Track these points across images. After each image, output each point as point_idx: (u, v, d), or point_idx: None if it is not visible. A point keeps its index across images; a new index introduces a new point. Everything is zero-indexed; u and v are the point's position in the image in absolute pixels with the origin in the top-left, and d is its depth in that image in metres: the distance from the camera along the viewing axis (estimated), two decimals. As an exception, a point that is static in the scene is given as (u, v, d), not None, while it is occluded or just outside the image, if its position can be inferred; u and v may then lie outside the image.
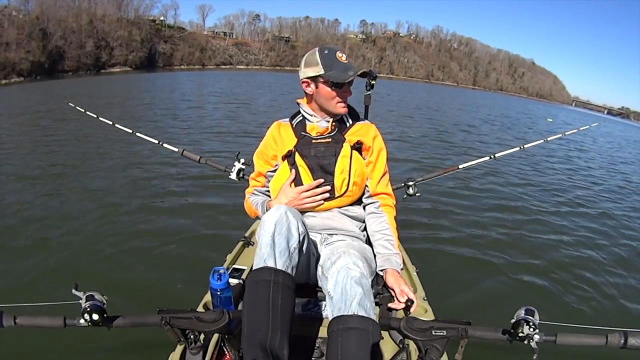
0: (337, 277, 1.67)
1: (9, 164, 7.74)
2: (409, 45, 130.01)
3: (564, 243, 5.63)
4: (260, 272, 1.61)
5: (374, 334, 1.54)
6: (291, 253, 1.69)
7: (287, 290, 1.59)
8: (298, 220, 1.78)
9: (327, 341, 1.57)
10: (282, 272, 1.61)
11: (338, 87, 2.05)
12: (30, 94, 24.51)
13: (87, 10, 62.60)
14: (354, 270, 1.67)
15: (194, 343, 1.60)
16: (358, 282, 1.63)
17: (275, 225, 1.69)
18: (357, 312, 1.55)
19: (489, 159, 3.80)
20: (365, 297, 1.61)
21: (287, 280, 1.61)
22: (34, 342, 2.93)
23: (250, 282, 1.61)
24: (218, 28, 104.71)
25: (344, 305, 1.59)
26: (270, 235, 1.67)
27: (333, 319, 1.59)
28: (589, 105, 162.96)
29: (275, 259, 1.63)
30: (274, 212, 1.75)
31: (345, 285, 1.62)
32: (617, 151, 20.04)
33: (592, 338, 1.42)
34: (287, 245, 1.68)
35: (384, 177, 2.23)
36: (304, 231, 1.80)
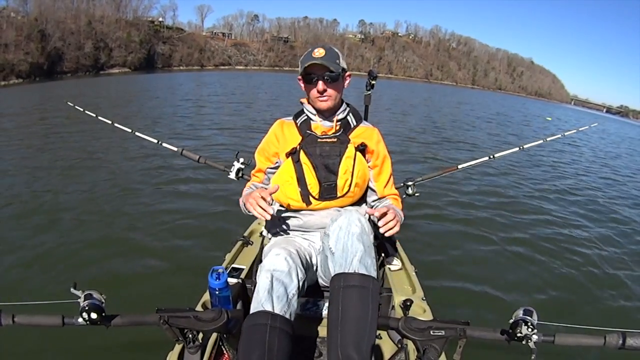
0: (339, 234, 1.70)
1: (7, 163, 7.74)
2: (407, 45, 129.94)
3: (563, 244, 5.64)
4: (256, 316, 1.58)
5: (374, 291, 1.58)
6: (289, 299, 1.67)
7: (284, 335, 1.56)
8: (297, 265, 1.77)
9: (329, 297, 1.60)
10: (280, 317, 1.59)
11: (307, 82, 2.08)
12: (29, 95, 24.53)
13: (85, 12, 62.49)
14: (355, 226, 1.70)
15: (193, 342, 1.60)
16: (359, 239, 1.66)
17: (273, 270, 1.69)
18: (357, 270, 1.59)
19: (488, 159, 3.80)
20: (365, 254, 1.64)
21: (285, 325, 1.58)
22: (32, 341, 2.94)
23: (246, 326, 1.57)
24: (217, 29, 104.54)
25: (345, 262, 1.62)
26: (268, 280, 1.66)
27: (334, 276, 1.62)
28: (588, 104, 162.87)
29: (273, 304, 1.61)
30: (274, 257, 1.75)
31: (347, 242, 1.66)
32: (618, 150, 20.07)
33: (590, 338, 1.42)
34: (285, 291, 1.67)
35: (390, 181, 2.26)
36: (303, 276, 1.80)
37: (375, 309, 1.56)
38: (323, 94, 2.05)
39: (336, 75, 2.03)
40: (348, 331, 1.50)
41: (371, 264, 1.64)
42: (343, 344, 1.47)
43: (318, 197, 2.06)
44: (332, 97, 2.08)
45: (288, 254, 1.77)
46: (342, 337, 1.49)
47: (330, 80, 2.03)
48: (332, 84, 2.05)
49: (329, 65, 1.98)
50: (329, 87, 2.05)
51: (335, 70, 2.01)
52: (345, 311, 1.52)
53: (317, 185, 2.05)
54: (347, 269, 1.61)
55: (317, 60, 1.98)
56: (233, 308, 1.73)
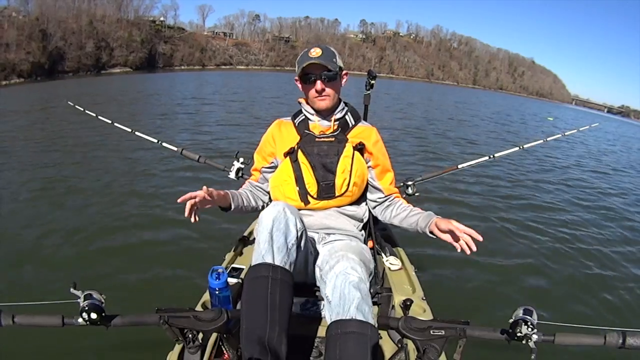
0: (336, 282, 1.67)
1: (7, 163, 7.74)
2: (409, 44, 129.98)
3: (563, 243, 5.65)
4: (258, 268, 1.61)
5: (372, 338, 1.54)
6: (289, 249, 1.69)
7: (285, 286, 1.59)
8: (296, 216, 1.78)
9: (326, 345, 1.57)
10: (281, 268, 1.62)
11: (305, 82, 2.08)
12: (30, 95, 24.53)
13: (87, 11, 62.52)
14: (352, 275, 1.67)
15: (193, 342, 1.60)
16: (356, 287, 1.63)
17: (273, 221, 1.70)
18: (355, 317, 1.55)
19: (488, 158, 3.79)
20: (363, 301, 1.61)
21: (285, 276, 1.61)
22: (32, 341, 2.94)
23: (249, 279, 1.61)
24: (218, 28, 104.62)
25: (342, 310, 1.59)
26: (268, 232, 1.67)
27: (331, 323, 1.59)
28: (589, 104, 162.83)
29: (274, 255, 1.63)
30: (272, 208, 1.75)
31: (344, 290, 1.62)
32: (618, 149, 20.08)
33: (590, 338, 1.41)
34: (285, 241, 1.68)
35: (393, 180, 2.27)
36: (301, 227, 1.81)
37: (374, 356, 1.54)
38: (321, 93, 2.06)
39: (334, 74, 2.04)
40: None
41: (368, 311, 1.61)
42: None
43: (316, 197, 2.07)
44: (330, 96, 2.09)
45: (286, 205, 1.79)
46: None
47: (328, 80, 2.04)
48: (329, 83, 2.06)
49: (327, 64, 1.99)
50: (327, 87, 2.06)
51: (332, 69, 2.01)
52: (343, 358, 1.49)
53: (315, 184, 2.05)
54: (345, 316, 1.58)
55: (314, 60, 1.98)
56: (233, 308, 1.73)
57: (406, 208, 2.15)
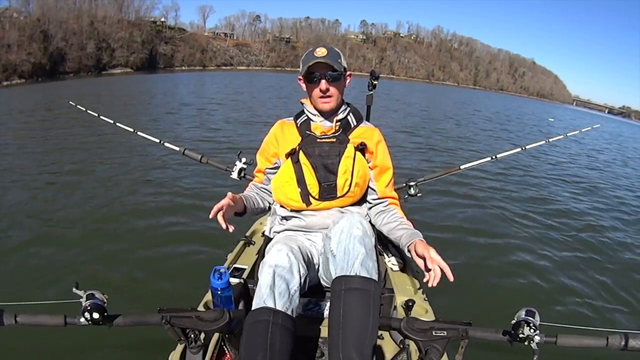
0: (340, 236, 1.69)
1: (9, 163, 7.75)
2: (409, 45, 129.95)
3: (565, 244, 5.64)
4: (258, 312, 1.58)
5: (375, 293, 1.57)
6: (291, 295, 1.66)
7: (286, 332, 1.55)
8: (299, 262, 1.76)
9: (330, 300, 1.59)
10: (282, 313, 1.58)
11: (310, 82, 2.07)
12: (31, 96, 24.56)
13: (88, 12, 62.60)
14: (357, 229, 1.69)
15: (195, 342, 1.60)
16: (361, 242, 1.65)
17: (275, 266, 1.68)
18: (359, 273, 1.58)
19: (490, 159, 3.79)
20: (367, 256, 1.63)
21: (286, 322, 1.58)
22: (34, 341, 2.94)
23: (249, 323, 1.57)
24: (219, 29, 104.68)
25: (346, 265, 1.61)
26: (270, 277, 1.65)
27: (335, 279, 1.61)
28: (590, 105, 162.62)
29: (275, 300, 1.60)
30: (276, 253, 1.73)
31: (348, 244, 1.64)
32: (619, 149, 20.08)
33: (592, 340, 1.42)
34: (287, 288, 1.66)
35: (391, 181, 2.25)
36: (305, 273, 1.79)
37: (376, 312, 1.56)
38: (326, 93, 2.05)
39: (338, 74, 2.03)
40: (350, 334, 1.49)
41: (372, 267, 1.63)
42: (344, 346, 1.47)
43: (318, 197, 2.05)
44: (334, 96, 2.08)
45: (290, 250, 1.76)
46: (344, 339, 1.48)
47: (332, 80, 2.03)
48: (334, 83, 2.04)
49: (332, 64, 1.98)
50: (331, 86, 2.04)
51: (338, 69, 2.00)
52: (346, 314, 1.51)
53: (317, 185, 2.04)
54: (349, 272, 1.60)
55: (320, 59, 1.97)
56: (235, 308, 1.72)
57: (397, 219, 2.12)
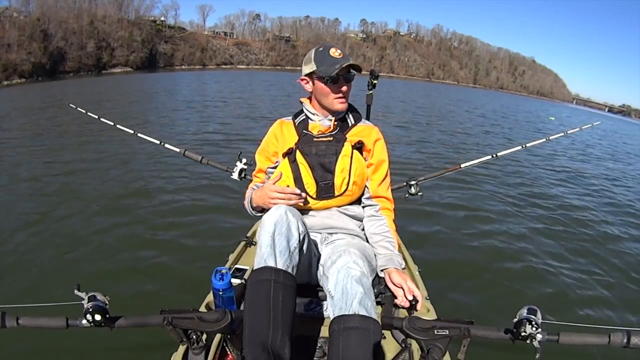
0: (338, 277, 1.66)
1: (10, 164, 7.76)
2: (409, 44, 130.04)
3: (567, 242, 5.63)
4: (260, 272, 1.59)
5: (375, 333, 1.54)
6: (291, 252, 1.67)
7: (288, 289, 1.58)
8: (298, 219, 1.77)
9: (329, 341, 1.56)
10: (283, 271, 1.60)
11: (332, 83, 2.04)
12: (31, 95, 24.54)
13: (87, 11, 62.69)
14: (355, 270, 1.66)
15: (197, 343, 1.60)
16: (359, 281, 1.62)
17: (275, 225, 1.68)
18: (358, 312, 1.55)
19: (491, 157, 3.78)
20: (366, 296, 1.60)
21: (288, 279, 1.60)
22: (36, 343, 2.94)
23: (251, 282, 1.59)
24: (218, 28, 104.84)
25: (344, 305, 1.58)
26: (270, 235, 1.65)
27: (334, 319, 1.58)
28: (590, 103, 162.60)
29: (276, 258, 1.61)
30: (274, 211, 1.74)
31: (346, 284, 1.62)
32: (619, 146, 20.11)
33: (594, 337, 1.41)
34: (287, 244, 1.67)
35: (385, 181, 2.23)
36: (304, 230, 1.79)
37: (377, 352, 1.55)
38: (344, 95, 2.08)
39: (353, 75, 2.07)
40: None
41: (371, 306, 1.60)
42: None
43: (315, 197, 2.05)
44: (348, 97, 2.12)
45: (287, 208, 1.77)
46: None
47: (350, 81, 2.07)
48: (349, 83, 2.08)
49: (356, 65, 2.02)
50: (348, 88, 2.09)
51: (357, 71, 2.06)
52: (345, 354, 1.48)
53: (314, 184, 2.04)
54: (347, 311, 1.58)
55: (350, 62, 1.99)
56: (237, 309, 1.73)
57: (383, 232, 2.12)
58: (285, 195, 1.88)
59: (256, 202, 2.09)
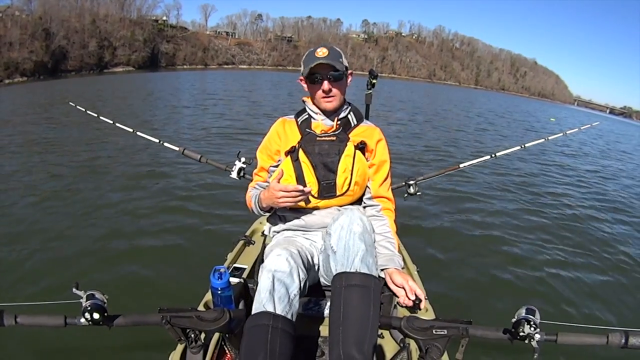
0: (341, 233, 1.70)
1: (10, 164, 7.76)
2: (411, 45, 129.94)
3: (565, 243, 5.62)
4: (258, 317, 1.57)
5: (376, 290, 1.58)
6: (291, 300, 1.66)
7: (286, 336, 1.55)
8: (299, 265, 1.76)
9: (331, 297, 1.60)
10: (282, 317, 1.58)
11: (312, 82, 2.07)
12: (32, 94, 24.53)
13: (89, 10, 62.70)
14: (357, 226, 1.69)
15: (195, 342, 1.60)
16: (361, 238, 1.65)
17: (275, 271, 1.67)
18: (359, 269, 1.59)
19: (489, 157, 3.78)
20: (367, 253, 1.64)
21: (287, 326, 1.57)
22: (35, 341, 2.94)
23: (248, 327, 1.56)
24: (220, 28, 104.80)
25: (346, 262, 1.62)
26: (270, 281, 1.64)
27: (336, 275, 1.62)
28: (591, 105, 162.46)
29: (275, 304, 1.60)
30: (275, 258, 1.72)
31: (348, 241, 1.65)
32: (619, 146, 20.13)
33: (593, 337, 1.42)
34: (286, 292, 1.65)
35: (386, 181, 2.22)
36: (304, 277, 1.78)
37: (377, 309, 1.56)
38: (328, 93, 2.05)
39: (340, 74, 2.03)
40: (350, 330, 1.49)
41: (373, 263, 1.64)
42: (345, 343, 1.47)
43: (317, 196, 2.05)
44: (336, 96, 2.08)
45: (289, 254, 1.75)
46: (344, 336, 1.49)
47: (334, 80, 2.03)
48: (336, 83, 2.05)
49: (334, 64, 1.98)
50: (334, 87, 2.05)
51: (340, 69, 2.00)
52: (347, 310, 1.52)
53: (316, 184, 2.03)
54: (349, 268, 1.60)
55: (322, 60, 1.97)
56: (235, 308, 1.73)
57: (384, 232, 2.11)
58: (289, 193, 1.86)
59: (265, 203, 2.06)
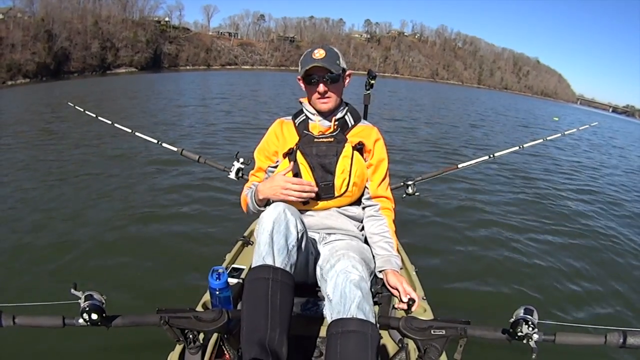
0: (337, 280, 1.66)
1: (7, 163, 7.80)
2: (413, 44, 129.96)
3: (563, 243, 5.63)
4: (258, 270, 1.60)
5: (373, 337, 1.53)
6: (290, 251, 1.68)
7: (286, 288, 1.58)
8: (296, 218, 1.77)
9: (326, 344, 1.56)
10: (281, 270, 1.60)
11: (308, 83, 2.08)
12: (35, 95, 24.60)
13: (92, 12, 62.92)
14: (353, 274, 1.66)
15: (193, 342, 1.60)
16: (357, 286, 1.62)
17: (273, 223, 1.68)
18: (355, 315, 1.54)
19: (488, 158, 3.78)
20: (364, 300, 1.60)
21: (285, 278, 1.60)
22: (33, 342, 2.94)
23: (249, 280, 1.59)
24: (223, 28, 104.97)
25: (342, 309, 1.58)
26: (268, 234, 1.66)
27: (332, 322, 1.58)
28: (594, 104, 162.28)
29: (274, 256, 1.62)
30: (272, 210, 1.73)
31: (345, 288, 1.62)
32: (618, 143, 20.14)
33: (591, 337, 1.41)
34: (285, 243, 1.67)
35: (385, 181, 2.22)
36: (302, 229, 1.79)
37: (374, 356, 1.52)
38: (324, 95, 2.05)
39: (336, 76, 2.03)
40: None
41: (369, 310, 1.60)
42: None
43: (315, 197, 2.04)
44: (332, 98, 2.08)
45: (286, 206, 1.77)
46: None
47: (331, 82, 2.03)
48: (332, 85, 2.05)
49: (330, 67, 1.98)
50: (330, 89, 2.05)
51: (335, 72, 2.00)
52: (343, 358, 1.47)
53: (315, 185, 2.02)
54: (345, 315, 1.57)
55: (317, 63, 1.98)
56: (233, 308, 1.73)
57: (382, 232, 2.12)
58: (302, 186, 1.88)
59: (264, 194, 2.04)
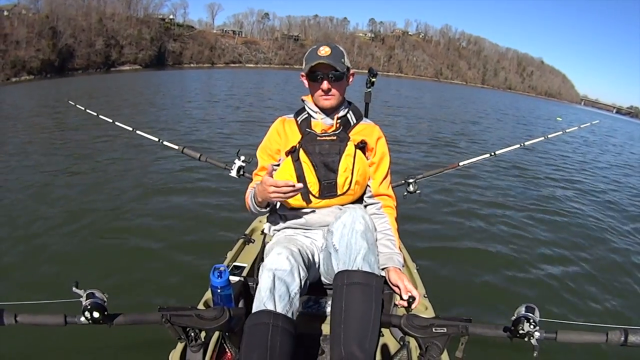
0: (343, 231, 1.70)
1: (9, 162, 7.82)
2: (417, 43, 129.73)
3: (565, 241, 5.64)
4: (258, 315, 1.56)
5: (378, 288, 1.57)
6: (292, 298, 1.65)
7: (286, 334, 1.54)
8: (299, 264, 1.75)
9: (332, 295, 1.60)
10: (283, 315, 1.57)
11: (312, 80, 2.06)
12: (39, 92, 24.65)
13: (96, 9, 62.99)
14: (359, 224, 1.69)
15: (195, 341, 1.60)
16: (363, 236, 1.65)
17: (275, 270, 1.66)
18: (361, 267, 1.58)
19: (489, 156, 3.77)
20: (369, 251, 1.64)
21: (287, 324, 1.56)
22: (35, 340, 2.96)
23: (249, 326, 1.55)
24: (227, 27, 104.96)
25: (348, 260, 1.62)
26: (270, 280, 1.63)
27: (338, 274, 1.62)
28: (598, 104, 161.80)
29: (275, 302, 1.59)
30: (276, 257, 1.71)
31: (350, 239, 1.65)
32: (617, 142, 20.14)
33: (592, 335, 1.41)
34: (287, 290, 1.64)
35: (386, 179, 2.22)
36: (305, 275, 1.77)
37: (378, 307, 1.56)
38: (327, 92, 2.05)
39: (341, 74, 2.02)
40: (352, 328, 1.49)
41: (375, 262, 1.63)
42: (346, 341, 1.47)
43: (318, 196, 2.04)
44: (335, 95, 2.07)
45: (290, 252, 1.74)
46: (346, 334, 1.49)
47: (335, 79, 2.02)
48: (336, 82, 2.04)
49: (335, 65, 1.97)
50: (333, 86, 2.04)
51: (340, 70, 1.99)
52: (348, 308, 1.51)
53: (317, 183, 2.02)
54: (351, 267, 1.60)
55: (323, 60, 1.96)
56: (235, 306, 1.72)
57: (384, 229, 2.10)
58: (280, 189, 1.82)
59: (260, 197, 2.03)
